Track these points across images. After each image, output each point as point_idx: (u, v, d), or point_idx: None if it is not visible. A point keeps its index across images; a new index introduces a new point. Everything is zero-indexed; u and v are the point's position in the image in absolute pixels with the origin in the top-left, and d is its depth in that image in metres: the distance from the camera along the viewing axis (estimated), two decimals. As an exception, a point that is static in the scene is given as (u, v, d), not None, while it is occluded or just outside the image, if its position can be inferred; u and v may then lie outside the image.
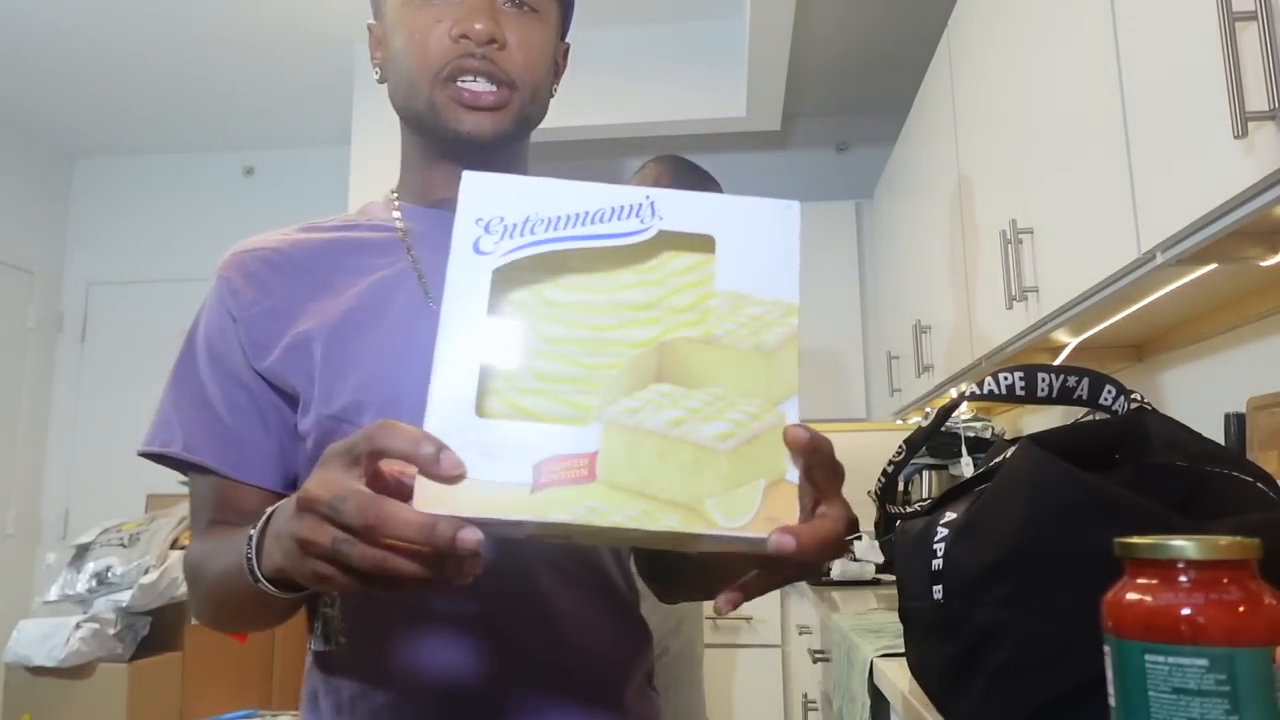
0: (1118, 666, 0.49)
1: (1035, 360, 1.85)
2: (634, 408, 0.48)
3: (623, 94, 3.39)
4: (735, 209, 0.52)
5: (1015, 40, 1.66)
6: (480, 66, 0.76)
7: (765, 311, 0.51)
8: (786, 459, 0.48)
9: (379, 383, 0.74)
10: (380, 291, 0.79)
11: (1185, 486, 0.70)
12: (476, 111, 0.77)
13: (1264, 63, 0.85)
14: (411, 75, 0.78)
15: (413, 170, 0.85)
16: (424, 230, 0.83)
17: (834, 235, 3.56)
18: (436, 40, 0.76)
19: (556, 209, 0.51)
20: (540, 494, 0.46)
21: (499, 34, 0.76)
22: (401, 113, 0.82)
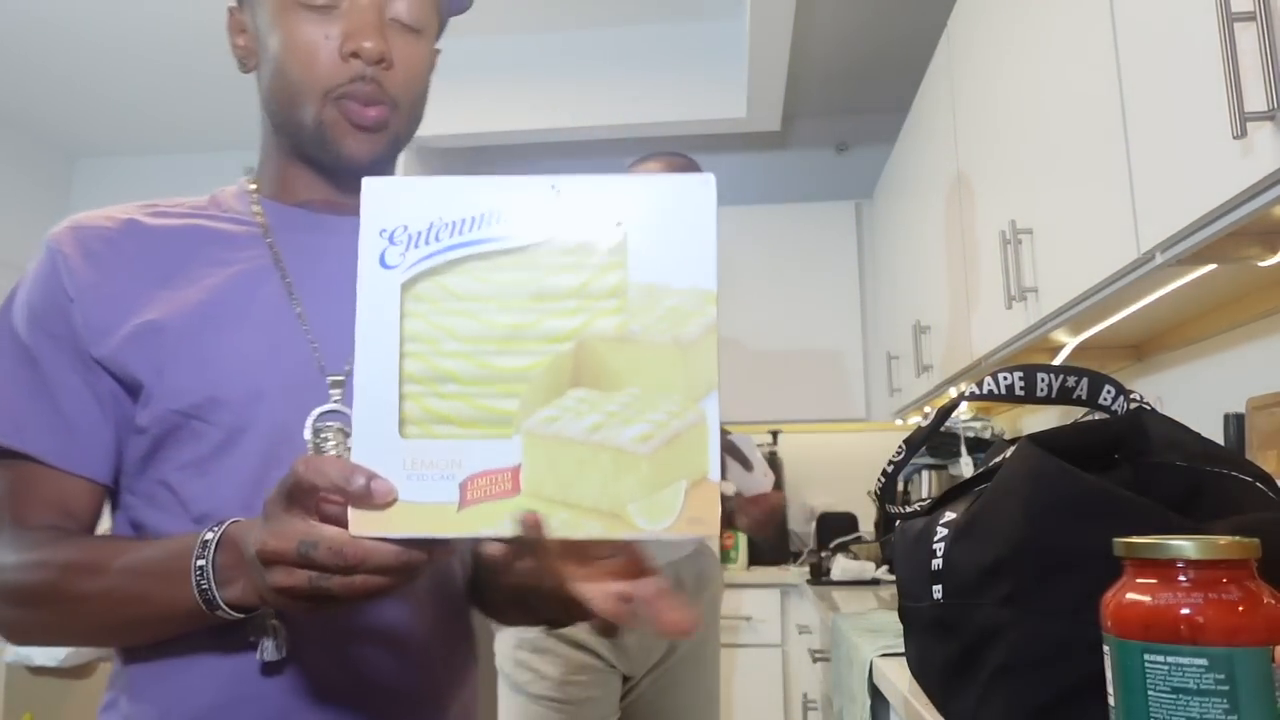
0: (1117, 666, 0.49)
1: (1035, 360, 1.85)
2: (553, 416, 0.48)
3: (623, 94, 3.38)
4: (645, 190, 0.50)
5: (1015, 40, 1.66)
6: (369, 90, 0.74)
7: (682, 302, 0.48)
8: (708, 457, 0.48)
9: (236, 381, 0.72)
10: (240, 287, 0.76)
11: (1185, 486, 0.70)
12: (359, 132, 0.75)
13: (1263, 63, 0.85)
14: (296, 89, 0.75)
15: (276, 167, 0.83)
16: (286, 228, 0.80)
17: (834, 235, 3.56)
18: (326, 56, 0.74)
19: (460, 210, 0.50)
20: (467, 510, 0.47)
21: (388, 53, 0.75)
22: (275, 118, 0.79)
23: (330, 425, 0.73)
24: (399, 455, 0.48)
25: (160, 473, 0.72)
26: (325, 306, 0.77)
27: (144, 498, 0.73)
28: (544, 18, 3.32)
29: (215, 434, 0.71)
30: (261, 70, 0.78)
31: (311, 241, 0.80)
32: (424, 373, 0.49)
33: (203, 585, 0.61)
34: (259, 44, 0.78)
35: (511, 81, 3.40)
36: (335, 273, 0.78)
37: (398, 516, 0.48)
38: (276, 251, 0.79)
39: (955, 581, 0.75)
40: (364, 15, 0.74)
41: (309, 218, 0.81)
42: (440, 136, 3.47)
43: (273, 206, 0.82)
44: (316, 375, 0.74)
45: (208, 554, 0.61)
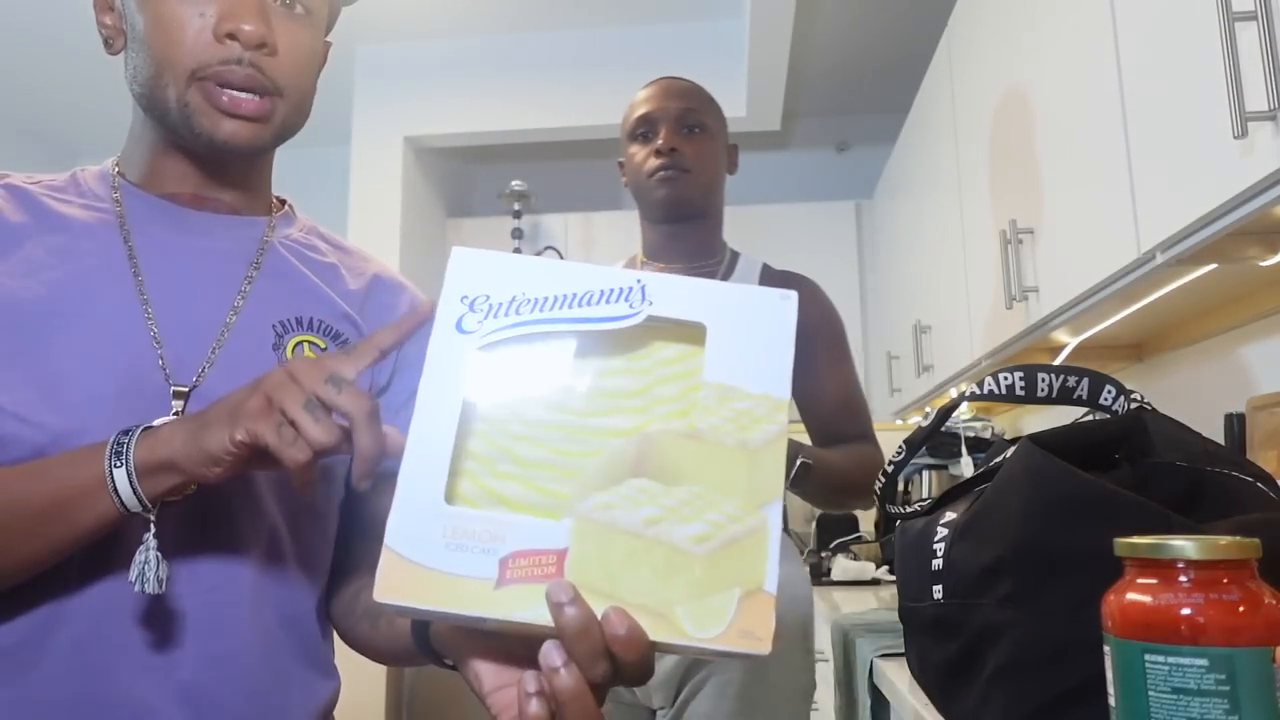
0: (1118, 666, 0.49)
1: (1035, 360, 1.85)
2: (609, 503, 0.46)
3: (623, 94, 3.38)
4: (728, 297, 0.50)
5: (1015, 41, 1.66)
6: (246, 76, 0.70)
7: (753, 407, 0.48)
8: (765, 567, 0.45)
9: (67, 382, 0.67)
10: (85, 281, 0.70)
11: (1185, 486, 0.70)
12: (235, 119, 0.71)
13: (1263, 63, 0.85)
14: (159, 67, 0.70)
15: (144, 153, 0.77)
16: (145, 220, 0.75)
17: (834, 235, 3.56)
18: (196, 34, 0.69)
19: (544, 289, 0.49)
20: (504, 590, 0.45)
21: (270, 37, 0.70)
22: (141, 100, 0.74)
23: None
24: (440, 522, 0.45)
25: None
26: (178, 311, 0.72)
27: None
28: (544, 18, 3.32)
29: (37, 435, 0.65)
30: (130, 54, 0.73)
31: (172, 239, 0.75)
32: (485, 450, 0.48)
33: (120, 442, 0.58)
34: (127, 23, 0.74)
35: (511, 81, 3.40)
36: (193, 276, 0.75)
37: (431, 585, 0.44)
38: (131, 245, 0.73)
39: (955, 581, 0.75)
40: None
41: (173, 211, 0.76)
42: (440, 136, 3.48)
43: (135, 194, 0.77)
44: (159, 384, 0.69)
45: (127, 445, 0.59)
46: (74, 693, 0.66)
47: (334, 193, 3.92)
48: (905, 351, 2.75)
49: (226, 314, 0.75)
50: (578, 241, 3.75)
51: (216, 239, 0.78)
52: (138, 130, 0.78)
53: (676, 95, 1.42)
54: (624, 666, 0.45)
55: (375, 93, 3.44)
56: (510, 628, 0.46)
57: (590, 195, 4.16)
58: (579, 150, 4.04)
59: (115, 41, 0.76)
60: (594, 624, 0.44)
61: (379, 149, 3.41)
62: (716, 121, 1.44)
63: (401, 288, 0.88)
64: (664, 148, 1.36)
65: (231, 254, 0.78)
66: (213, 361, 0.72)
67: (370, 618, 0.75)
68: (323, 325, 0.79)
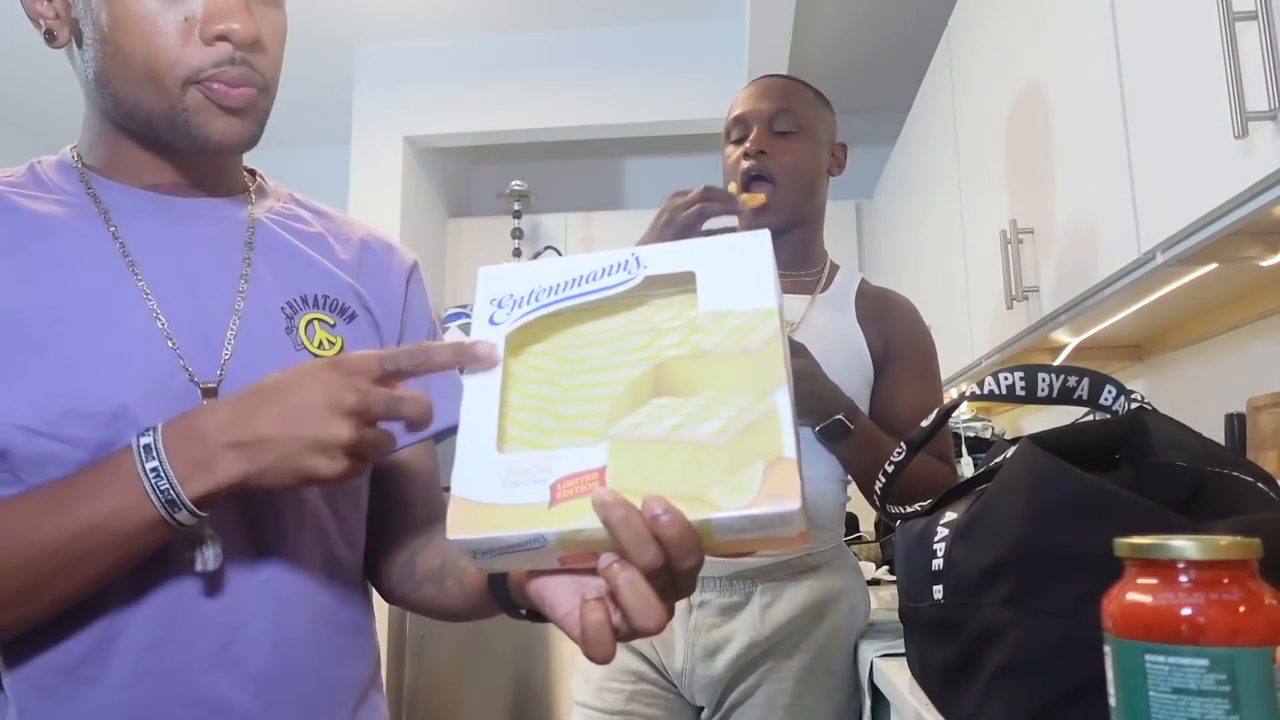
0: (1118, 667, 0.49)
1: (1035, 360, 1.85)
2: (636, 423, 0.52)
3: (623, 94, 3.38)
4: (709, 246, 0.57)
5: (1016, 41, 1.66)
6: (240, 74, 0.68)
7: (746, 320, 0.54)
8: (782, 438, 0.50)
9: (98, 392, 0.65)
10: (86, 284, 0.68)
11: (1185, 486, 0.70)
12: (228, 115, 0.69)
13: (1264, 63, 0.85)
14: (146, 75, 0.67)
15: (110, 147, 0.73)
16: (129, 213, 0.72)
17: (834, 235, 3.55)
18: (183, 39, 0.66)
19: (556, 278, 0.57)
20: (556, 508, 0.50)
21: (260, 34, 0.68)
22: (113, 103, 0.70)
23: None
24: (495, 467, 0.52)
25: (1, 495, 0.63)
26: (184, 305, 0.71)
27: None
28: (544, 17, 3.32)
29: (73, 453, 0.63)
30: (87, 49, 0.69)
31: (162, 230, 0.73)
32: (521, 401, 0.56)
33: (162, 486, 0.57)
34: (79, 15, 0.68)
35: (511, 81, 3.40)
36: (191, 266, 0.73)
37: (494, 516, 0.51)
38: (121, 241, 0.70)
39: (956, 582, 0.75)
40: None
41: (157, 201, 0.73)
42: (440, 136, 3.48)
43: (111, 187, 0.73)
44: (185, 383, 0.68)
45: (156, 455, 0.58)
46: (144, 700, 0.65)
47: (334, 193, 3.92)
48: (905, 351, 2.74)
49: (234, 301, 0.73)
50: (578, 241, 3.75)
51: (206, 225, 0.75)
52: (98, 124, 0.73)
53: (771, 94, 1.36)
54: (671, 551, 0.49)
55: (375, 92, 3.43)
56: (567, 542, 0.51)
57: (590, 195, 4.16)
58: (579, 150, 4.04)
59: (60, 34, 0.71)
60: (634, 512, 0.49)
61: (379, 149, 3.41)
62: (816, 121, 1.37)
63: (391, 248, 0.88)
64: (752, 149, 1.31)
65: (224, 238, 0.76)
66: (231, 354, 0.71)
67: (436, 580, 0.77)
68: (329, 301, 0.78)
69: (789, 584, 1.28)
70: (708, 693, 1.28)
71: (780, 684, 1.25)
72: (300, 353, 0.74)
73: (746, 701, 1.26)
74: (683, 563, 0.50)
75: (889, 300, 1.42)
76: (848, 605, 1.31)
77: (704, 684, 1.27)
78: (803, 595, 1.27)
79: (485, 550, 0.52)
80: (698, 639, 1.27)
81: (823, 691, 1.27)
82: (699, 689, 1.28)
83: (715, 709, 1.28)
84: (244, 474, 0.58)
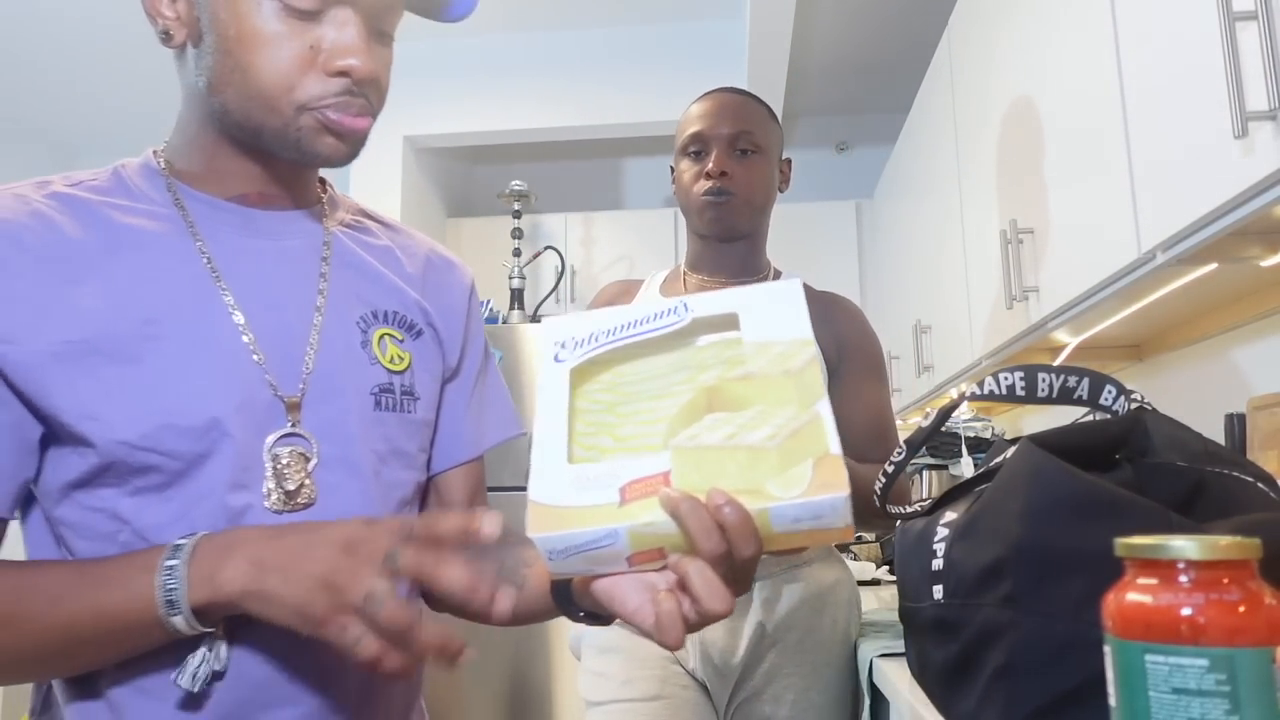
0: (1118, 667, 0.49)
1: (1035, 360, 1.85)
2: (694, 434, 0.57)
3: (623, 94, 3.39)
4: (750, 291, 0.63)
5: (1015, 41, 1.66)
6: (356, 105, 0.71)
7: (787, 348, 0.59)
8: (828, 439, 0.54)
9: (191, 407, 0.66)
10: (175, 299, 0.69)
11: (1185, 486, 0.70)
12: (337, 139, 0.71)
13: (1264, 63, 0.85)
14: (268, 96, 0.68)
15: (203, 152, 0.74)
16: (214, 222, 0.73)
17: (834, 235, 3.56)
18: (304, 65, 0.68)
19: (612, 323, 0.64)
20: (626, 507, 0.55)
21: (378, 72, 0.71)
22: (225, 112, 0.71)
23: (286, 449, 0.70)
24: (568, 476, 0.57)
25: (101, 500, 0.66)
26: (266, 319, 0.72)
27: (76, 527, 0.67)
28: (544, 18, 3.32)
29: (172, 464, 0.66)
30: (206, 56, 0.69)
31: (244, 244, 0.74)
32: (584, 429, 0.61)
33: (169, 585, 0.59)
34: (204, 23, 0.69)
35: (511, 81, 3.40)
36: (272, 280, 0.74)
37: (570, 516, 0.55)
38: (207, 255, 0.72)
39: (956, 582, 0.75)
40: (353, 29, 0.69)
41: (240, 214, 0.75)
42: (440, 136, 3.48)
43: (197, 197, 0.74)
44: (270, 397, 0.70)
45: (181, 555, 0.60)
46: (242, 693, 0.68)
47: (334, 193, 3.92)
48: (905, 351, 2.75)
49: (311, 315, 0.75)
50: (577, 241, 3.75)
51: (285, 238, 0.77)
52: (194, 129, 0.74)
53: (732, 115, 1.39)
54: (733, 538, 0.53)
55: (375, 93, 3.43)
56: (638, 538, 0.55)
57: (590, 195, 4.16)
58: (579, 150, 4.04)
59: (177, 35, 0.71)
60: (700, 504, 0.53)
61: (379, 149, 3.41)
62: (770, 140, 1.42)
63: (451, 265, 0.90)
64: (714, 170, 1.35)
65: (301, 251, 0.78)
66: (311, 369, 0.73)
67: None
68: (398, 317, 0.80)
69: (785, 580, 1.31)
70: (720, 688, 1.30)
71: (787, 679, 1.28)
72: (374, 366, 0.77)
73: (757, 695, 1.29)
74: (743, 551, 0.53)
75: (836, 304, 1.45)
76: (843, 598, 1.35)
77: (715, 679, 1.30)
78: (799, 590, 1.31)
79: (561, 550, 0.55)
80: (705, 636, 1.29)
81: (826, 686, 1.30)
82: (712, 684, 1.31)
83: (726, 705, 1.31)
84: (242, 589, 0.59)
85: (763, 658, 1.29)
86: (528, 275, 3.47)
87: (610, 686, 1.30)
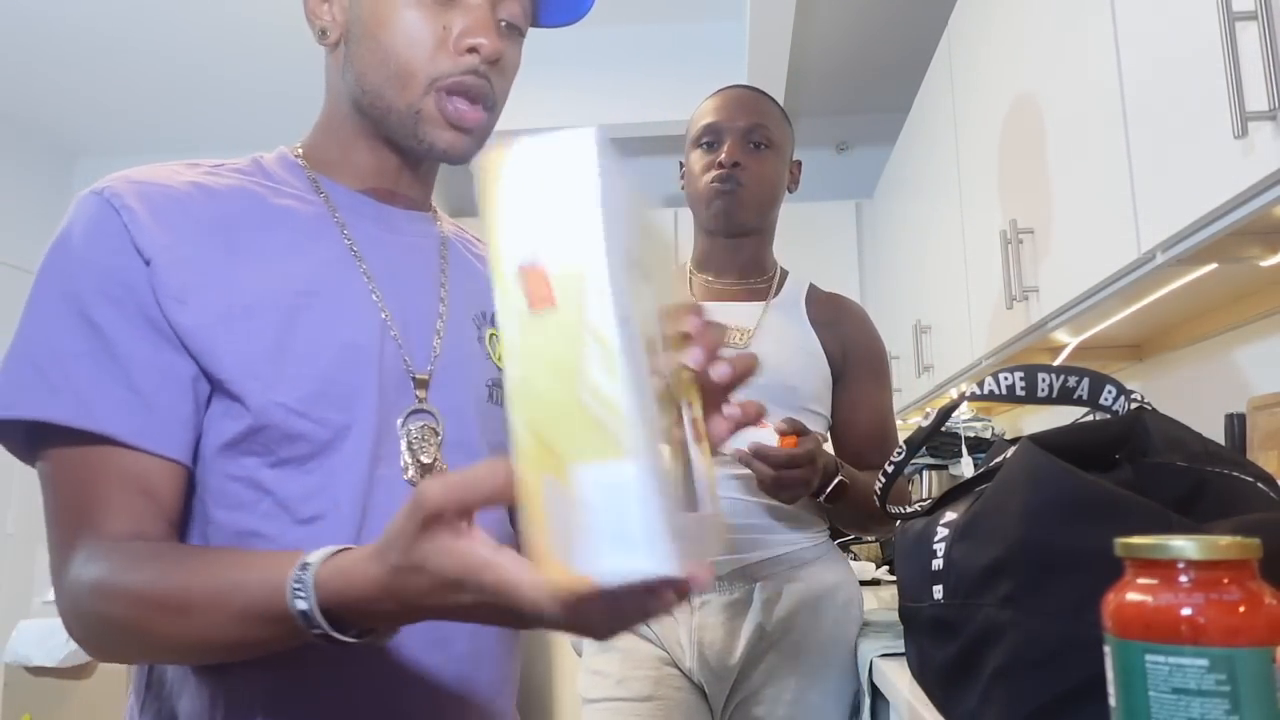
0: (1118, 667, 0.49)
1: (1035, 360, 1.85)
2: None
3: (623, 94, 3.39)
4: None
5: (1015, 41, 1.66)
6: (480, 86, 0.74)
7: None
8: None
9: (343, 376, 0.69)
10: (326, 276, 0.72)
11: (1185, 486, 0.70)
12: (456, 131, 0.74)
13: (1264, 63, 0.85)
14: (403, 71, 0.73)
15: (342, 146, 0.79)
16: (354, 211, 0.77)
17: (834, 235, 3.56)
18: (438, 44, 0.73)
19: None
20: None
21: (503, 52, 0.74)
22: (363, 97, 0.75)
23: (417, 424, 0.73)
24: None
25: (244, 469, 0.66)
26: (402, 303, 0.76)
27: (215, 494, 0.67)
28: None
29: (321, 432, 0.67)
30: (353, 47, 0.75)
31: (380, 234, 0.78)
32: None
33: (315, 631, 0.54)
34: (352, 19, 0.75)
35: (511, 81, 3.40)
36: (405, 269, 0.78)
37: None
38: (352, 239, 0.76)
39: (956, 582, 0.75)
40: (482, 12, 0.74)
41: (375, 207, 0.79)
42: (440, 136, 3.48)
43: (336, 188, 0.78)
44: (402, 372, 0.73)
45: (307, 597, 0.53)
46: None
47: (334, 193, 3.92)
48: (905, 351, 2.75)
49: (437, 306, 0.79)
50: (578, 241, 3.74)
51: (412, 234, 0.82)
52: (336, 123, 0.79)
53: (747, 109, 1.39)
54: None
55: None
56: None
57: (590, 195, 4.16)
58: (579, 150, 4.04)
59: (332, 34, 0.77)
60: None
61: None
62: (784, 138, 1.42)
63: None
64: (726, 160, 1.35)
65: (426, 248, 0.82)
66: (437, 352, 0.77)
67: None
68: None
69: (786, 580, 1.30)
70: (717, 689, 1.29)
71: (786, 679, 1.27)
72: (487, 362, 0.81)
73: (754, 696, 1.28)
74: None
75: (841, 306, 1.45)
76: (844, 598, 1.34)
77: (712, 680, 1.29)
78: (800, 590, 1.30)
79: None
80: (704, 637, 1.27)
81: (826, 687, 1.29)
82: (709, 685, 1.30)
83: (724, 705, 1.30)
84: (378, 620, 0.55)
85: (761, 658, 1.28)
86: (528, 275, 3.46)
87: (605, 685, 1.30)
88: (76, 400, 0.63)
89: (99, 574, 0.60)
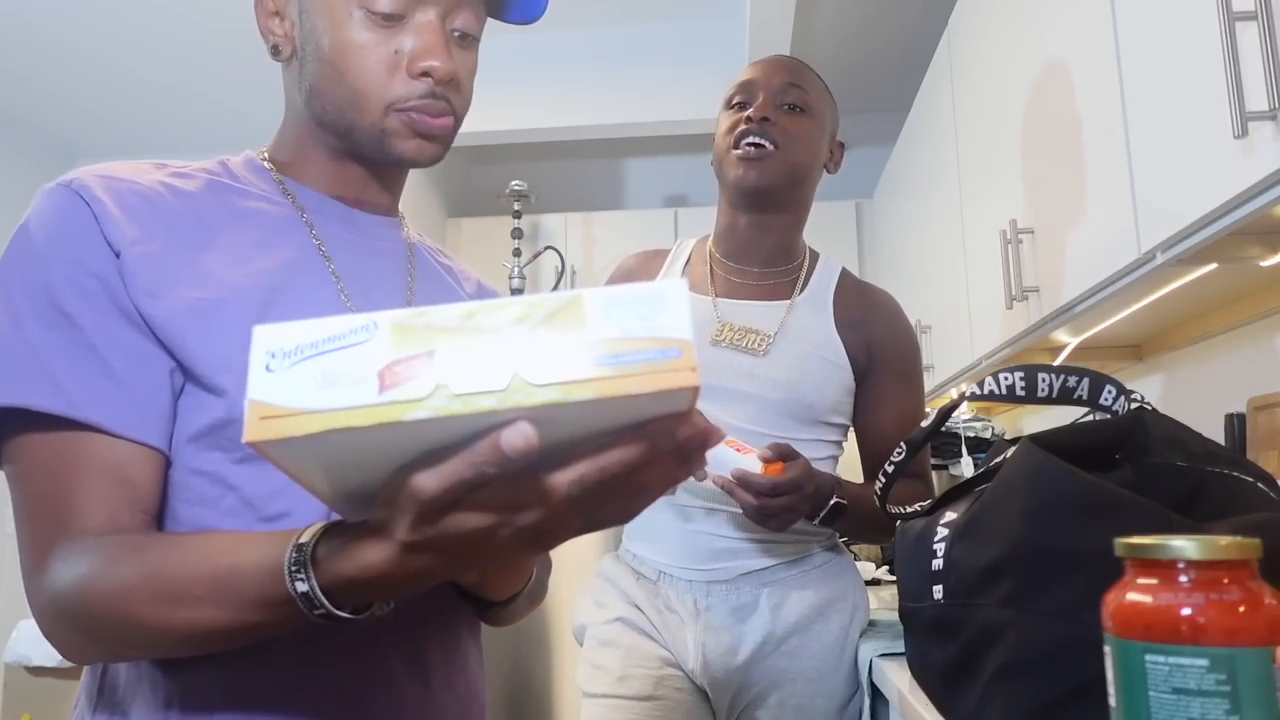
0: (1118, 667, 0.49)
1: (1035, 360, 1.85)
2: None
3: (623, 94, 3.39)
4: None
5: (1015, 40, 1.66)
6: (439, 106, 0.75)
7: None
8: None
9: None
10: (293, 276, 0.72)
11: (1185, 486, 0.70)
12: (422, 139, 0.75)
13: (1264, 63, 0.85)
14: (358, 98, 0.73)
15: (306, 155, 0.79)
16: (322, 214, 0.78)
17: (834, 235, 3.56)
18: (392, 71, 0.73)
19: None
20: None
21: (457, 73, 0.75)
22: (321, 115, 0.76)
23: None
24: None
25: (209, 463, 0.66)
26: (370, 304, 0.76)
27: (179, 488, 0.66)
28: (544, 18, 3.32)
29: None
30: (306, 66, 0.75)
31: (348, 237, 0.79)
32: None
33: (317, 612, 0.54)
34: (302, 37, 0.75)
35: (511, 82, 3.40)
36: (373, 272, 0.79)
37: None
38: (320, 240, 0.76)
39: (956, 582, 0.75)
40: (433, 33, 0.73)
41: (342, 210, 0.79)
42: (440, 136, 3.47)
43: (303, 190, 0.79)
44: None
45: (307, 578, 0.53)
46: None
47: (334, 193, 3.91)
48: (905, 351, 2.75)
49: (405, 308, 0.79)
50: (577, 241, 3.75)
51: (380, 239, 0.82)
52: (299, 132, 0.80)
53: (783, 69, 1.29)
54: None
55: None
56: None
57: (590, 195, 4.16)
58: (579, 150, 4.04)
59: (283, 49, 0.77)
60: None
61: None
62: (823, 107, 1.31)
63: (495, 294, 0.94)
64: (755, 114, 1.24)
65: (393, 253, 0.83)
66: None
67: None
68: None
69: (795, 585, 1.28)
70: (721, 693, 1.28)
71: (792, 685, 1.26)
72: None
73: (759, 702, 1.26)
74: None
75: (871, 302, 1.37)
76: (851, 604, 1.32)
77: (717, 684, 1.27)
78: (809, 595, 1.28)
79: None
80: (709, 639, 1.26)
81: (831, 691, 1.28)
82: (712, 689, 1.28)
83: (727, 710, 1.29)
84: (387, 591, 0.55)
85: (768, 663, 1.26)
86: (528, 275, 3.47)
87: (606, 680, 1.28)
88: (54, 388, 0.62)
89: (82, 571, 0.59)
